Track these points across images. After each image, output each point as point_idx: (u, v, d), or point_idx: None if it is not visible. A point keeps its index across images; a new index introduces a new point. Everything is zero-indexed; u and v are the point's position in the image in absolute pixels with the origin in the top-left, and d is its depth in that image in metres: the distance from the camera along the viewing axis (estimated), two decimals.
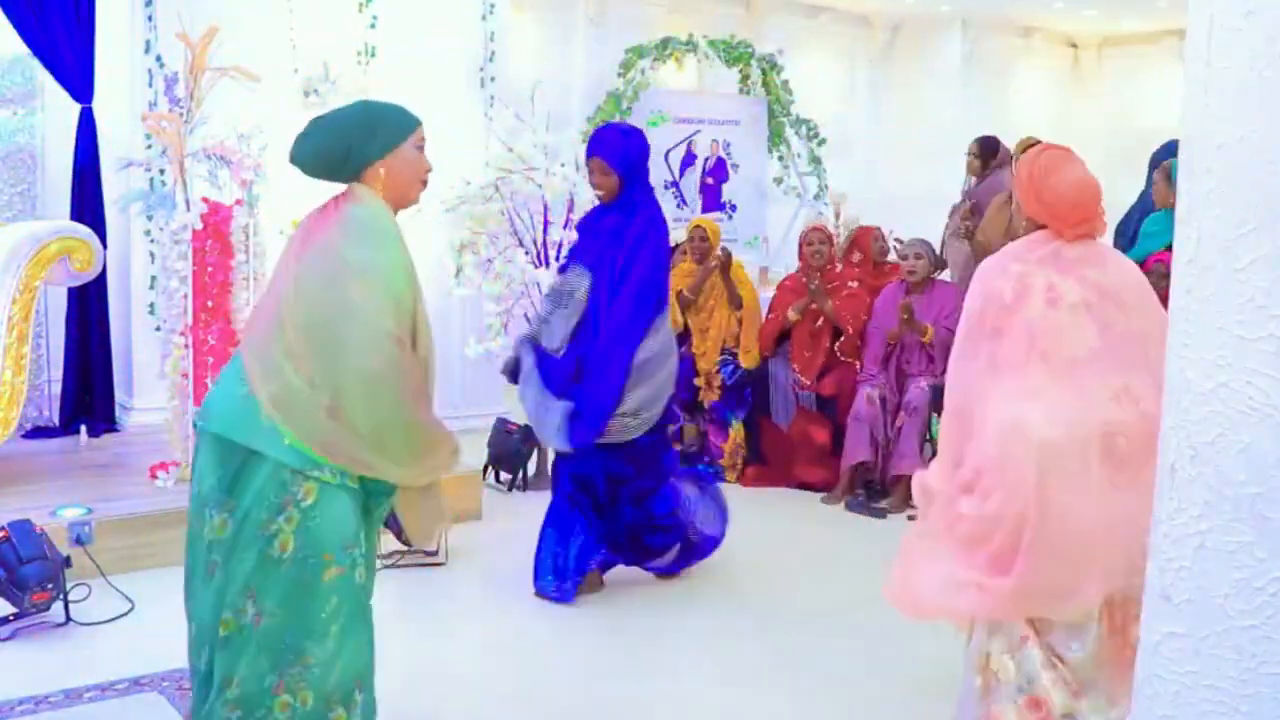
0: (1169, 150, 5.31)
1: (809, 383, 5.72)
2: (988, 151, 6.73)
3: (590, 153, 3.95)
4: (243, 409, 2.39)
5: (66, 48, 5.42)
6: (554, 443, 3.88)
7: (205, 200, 4.60)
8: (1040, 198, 2.71)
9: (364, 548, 2.47)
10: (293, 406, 2.35)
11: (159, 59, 5.49)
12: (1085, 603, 2.56)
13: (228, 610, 2.38)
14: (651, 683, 3.39)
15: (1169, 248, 3.50)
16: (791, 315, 5.75)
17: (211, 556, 2.41)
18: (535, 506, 5.23)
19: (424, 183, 2.59)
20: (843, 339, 5.68)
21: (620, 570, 4.24)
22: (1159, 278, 3.42)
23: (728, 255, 5.85)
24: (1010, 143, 6.75)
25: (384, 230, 2.47)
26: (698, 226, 6.06)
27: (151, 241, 5.62)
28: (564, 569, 3.96)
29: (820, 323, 5.73)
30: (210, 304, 4.58)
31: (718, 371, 5.87)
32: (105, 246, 5.16)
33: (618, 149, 3.88)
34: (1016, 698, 2.62)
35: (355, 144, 2.48)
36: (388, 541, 4.32)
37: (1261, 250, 1.49)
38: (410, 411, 2.43)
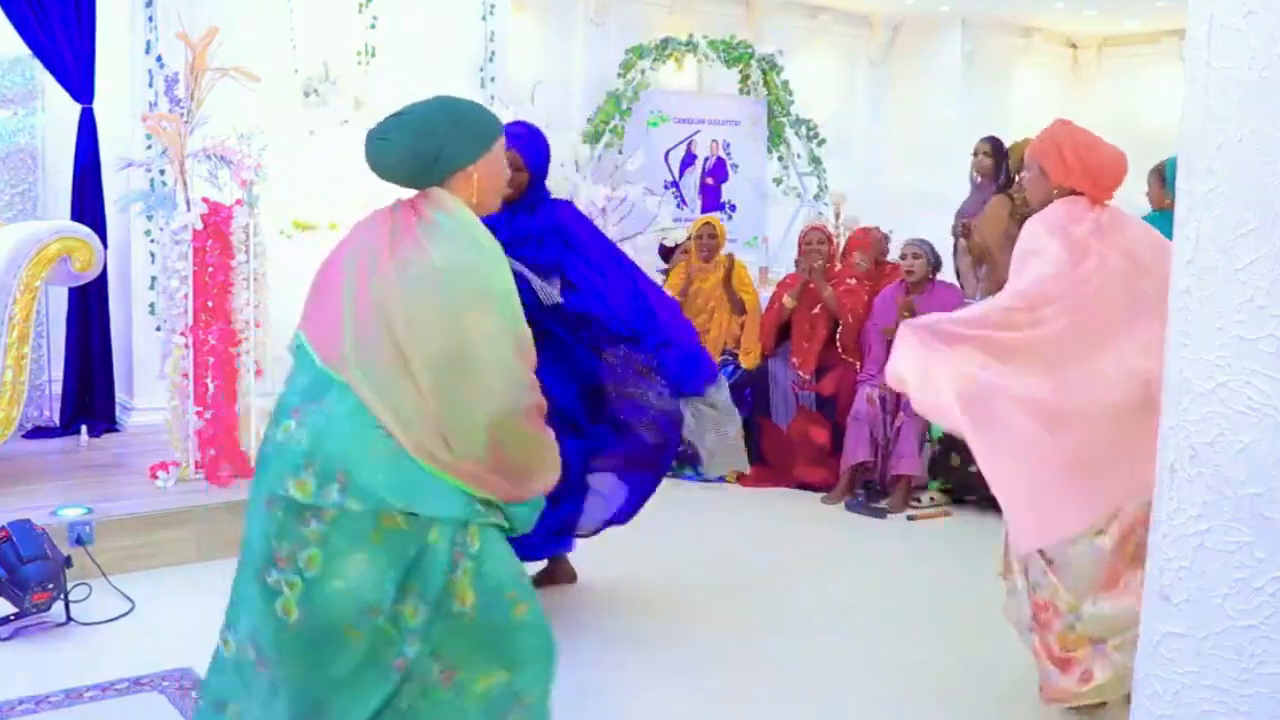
0: None
1: (808, 376, 5.72)
2: (1000, 152, 6.69)
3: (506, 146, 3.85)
4: (404, 467, 2.10)
5: (66, 48, 5.42)
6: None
7: (205, 200, 4.60)
8: (1086, 167, 2.99)
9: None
10: (442, 453, 2.12)
11: (159, 59, 5.50)
12: (1085, 522, 2.85)
13: (414, 683, 2.16)
14: (649, 682, 3.39)
15: None
16: (787, 301, 5.76)
17: (403, 651, 2.13)
18: None
19: (504, 189, 2.38)
20: (841, 330, 5.68)
21: (619, 571, 4.24)
22: None
23: (732, 262, 5.85)
24: (1008, 143, 6.73)
25: (485, 241, 2.23)
26: (707, 224, 6.06)
27: (152, 241, 5.62)
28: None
29: (817, 310, 5.73)
30: (211, 304, 4.58)
31: None
32: (106, 246, 5.16)
33: (532, 147, 3.80)
34: (1029, 598, 2.98)
35: (446, 146, 2.23)
36: None
37: (1261, 250, 1.49)
38: (536, 430, 2.24)
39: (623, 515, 3.88)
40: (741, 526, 5.06)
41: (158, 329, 5.09)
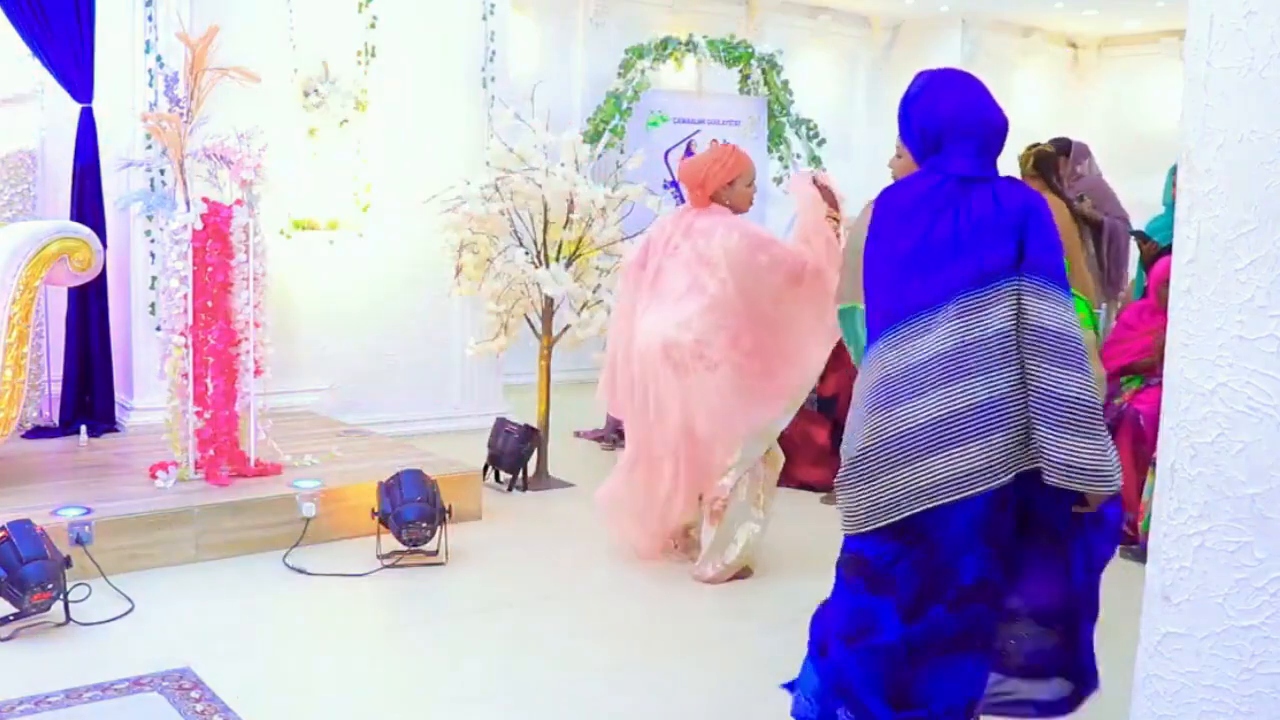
0: None
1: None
2: (1061, 151, 6.60)
3: None
4: None
5: (66, 48, 5.42)
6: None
7: (205, 200, 4.59)
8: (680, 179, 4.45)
9: None
10: None
11: (159, 59, 5.50)
12: None
13: None
14: (649, 683, 3.39)
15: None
16: None
17: None
18: (535, 506, 5.24)
19: None
20: None
21: (621, 576, 4.24)
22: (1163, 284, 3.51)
23: None
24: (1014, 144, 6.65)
25: None
26: None
27: (151, 241, 5.63)
28: None
29: None
30: (210, 304, 4.58)
31: None
32: (105, 246, 5.16)
33: None
34: None
35: None
36: (388, 542, 4.33)
37: (1261, 250, 1.49)
38: None
39: None
40: None
41: (158, 329, 5.08)
